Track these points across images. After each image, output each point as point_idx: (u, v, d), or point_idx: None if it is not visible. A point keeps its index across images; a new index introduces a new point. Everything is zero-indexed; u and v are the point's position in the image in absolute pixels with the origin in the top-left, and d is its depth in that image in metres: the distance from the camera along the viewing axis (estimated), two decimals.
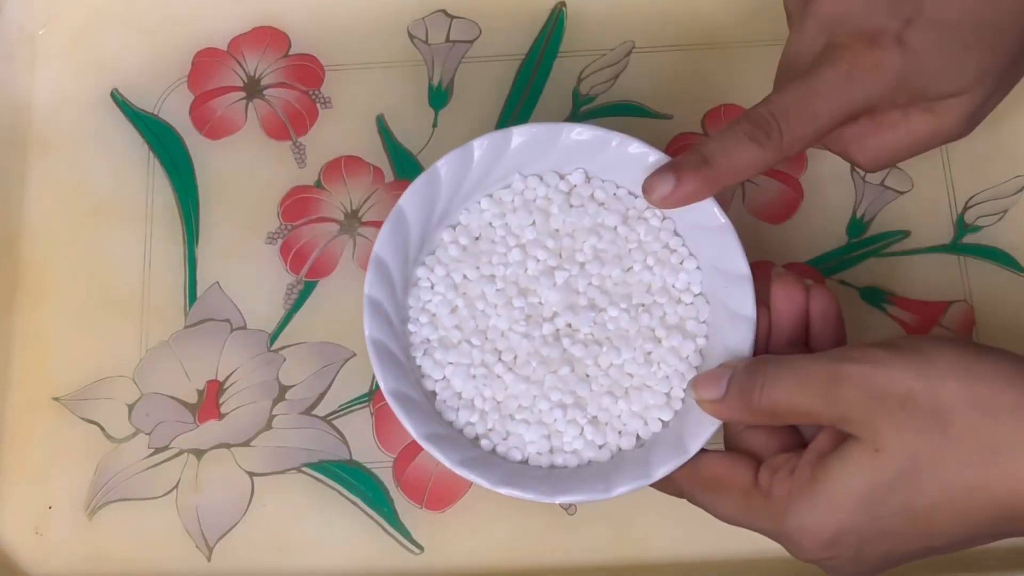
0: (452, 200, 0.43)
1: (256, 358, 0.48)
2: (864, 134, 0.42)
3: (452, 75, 0.52)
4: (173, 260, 0.50)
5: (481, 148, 0.43)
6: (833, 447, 0.36)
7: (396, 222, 0.42)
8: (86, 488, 0.47)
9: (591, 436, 0.41)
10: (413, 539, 0.46)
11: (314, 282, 0.50)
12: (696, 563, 0.45)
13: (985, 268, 0.49)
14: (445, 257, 0.43)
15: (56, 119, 0.53)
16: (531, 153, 0.43)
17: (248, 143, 0.52)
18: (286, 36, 0.53)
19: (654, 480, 0.39)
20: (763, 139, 0.40)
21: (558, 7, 0.53)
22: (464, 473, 0.39)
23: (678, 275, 0.43)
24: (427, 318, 0.43)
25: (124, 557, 0.46)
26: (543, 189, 0.44)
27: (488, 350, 0.42)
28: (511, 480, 0.39)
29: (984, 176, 0.50)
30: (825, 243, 0.49)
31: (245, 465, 0.47)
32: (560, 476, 0.41)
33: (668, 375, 0.42)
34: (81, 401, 0.48)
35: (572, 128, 0.43)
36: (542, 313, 0.42)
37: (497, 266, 0.43)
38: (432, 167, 0.43)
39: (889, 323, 0.48)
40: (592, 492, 0.39)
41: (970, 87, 0.40)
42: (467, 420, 0.41)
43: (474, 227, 0.44)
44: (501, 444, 0.41)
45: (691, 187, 0.40)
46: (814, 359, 0.37)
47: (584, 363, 0.42)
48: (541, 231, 0.43)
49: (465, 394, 0.42)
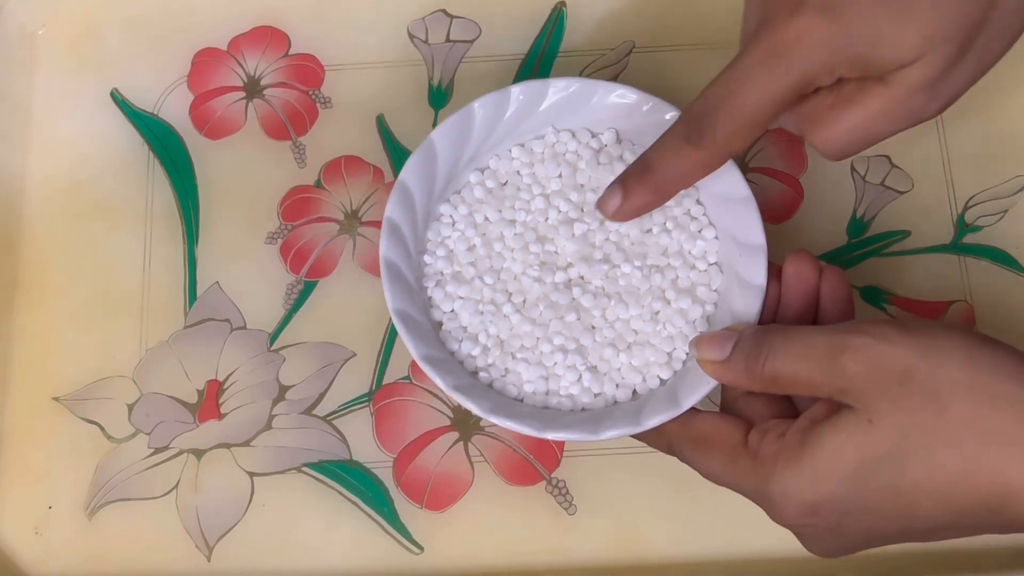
0: (483, 144, 0.44)
1: (256, 358, 0.48)
2: (819, 113, 0.39)
3: (452, 75, 0.52)
4: (173, 260, 0.50)
5: (518, 96, 0.44)
6: (827, 416, 0.36)
7: (425, 153, 0.43)
8: (86, 488, 0.47)
9: (588, 383, 0.42)
10: (413, 539, 0.46)
11: (314, 282, 0.50)
12: (696, 563, 0.45)
13: (985, 268, 0.49)
14: (470, 197, 0.44)
15: (56, 119, 0.53)
16: (565, 108, 0.44)
17: (248, 143, 0.52)
18: (286, 36, 0.53)
19: (644, 429, 0.39)
20: (697, 139, 0.38)
21: (558, 7, 0.53)
22: (457, 397, 0.40)
23: (695, 242, 0.43)
24: (444, 252, 0.44)
25: (124, 557, 0.46)
26: (574, 144, 0.45)
27: (499, 290, 0.43)
28: (502, 410, 0.40)
29: (984, 176, 0.50)
30: (825, 243, 0.49)
31: (245, 465, 0.47)
32: (551, 415, 0.41)
33: (672, 335, 0.42)
34: (81, 401, 0.48)
35: (611, 88, 0.44)
36: (557, 262, 0.43)
37: (519, 211, 0.44)
38: (468, 106, 0.44)
39: None
40: (581, 432, 0.40)
41: (919, 53, 0.36)
42: (469, 352, 0.42)
43: (502, 173, 0.45)
44: (499, 379, 0.42)
45: (638, 199, 0.41)
46: (819, 330, 0.37)
47: (591, 313, 0.42)
48: (566, 183, 0.44)
49: (471, 328, 0.43)
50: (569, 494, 0.46)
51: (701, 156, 0.39)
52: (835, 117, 0.38)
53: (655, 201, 0.41)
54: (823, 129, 0.39)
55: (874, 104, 0.38)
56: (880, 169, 0.50)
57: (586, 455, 0.46)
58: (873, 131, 0.39)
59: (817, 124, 0.39)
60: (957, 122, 0.50)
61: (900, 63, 0.36)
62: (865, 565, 0.44)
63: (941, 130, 0.50)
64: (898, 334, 0.35)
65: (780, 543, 0.44)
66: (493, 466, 0.47)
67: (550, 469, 0.46)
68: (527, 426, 0.40)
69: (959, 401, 0.34)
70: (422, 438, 0.47)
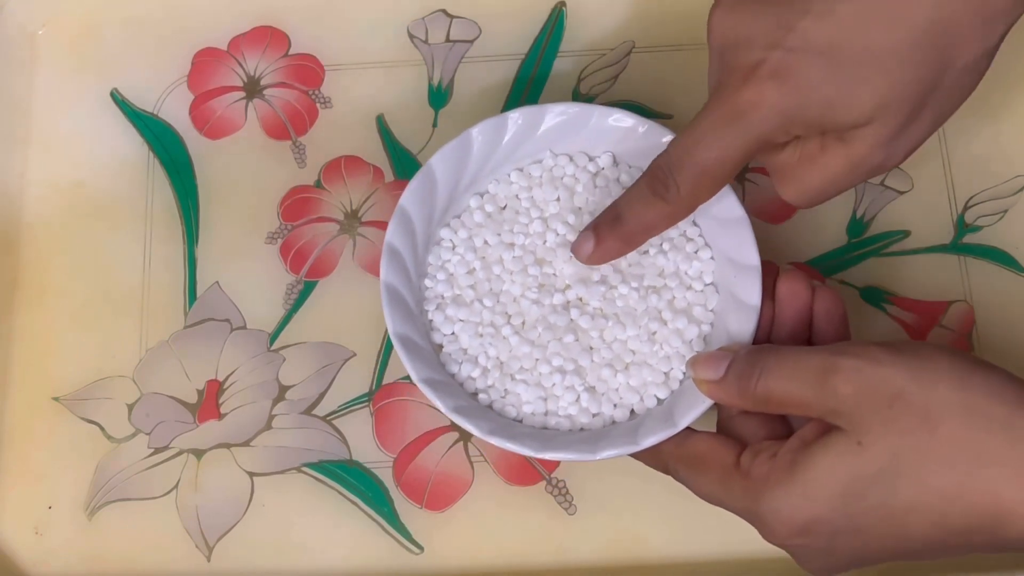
0: (482, 168, 0.45)
1: (256, 358, 0.48)
2: (786, 170, 0.40)
3: (452, 75, 0.52)
4: (173, 260, 0.50)
5: (516, 121, 0.45)
6: (818, 437, 0.36)
7: (424, 179, 0.44)
8: (86, 488, 0.47)
9: (586, 404, 0.42)
10: (413, 539, 0.46)
11: (314, 282, 0.50)
12: (696, 563, 0.45)
13: (985, 268, 0.48)
14: (470, 221, 0.45)
15: (56, 119, 0.53)
16: (563, 132, 0.45)
17: (248, 143, 0.52)
18: (286, 36, 0.53)
19: (641, 448, 0.40)
20: (663, 193, 0.40)
21: (558, 7, 0.53)
22: (457, 419, 0.41)
23: (691, 263, 0.44)
24: (444, 276, 0.44)
25: (124, 557, 0.46)
26: (571, 168, 0.46)
27: (498, 312, 0.44)
28: (502, 432, 0.41)
29: (984, 176, 0.50)
30: (825, 243, 0.49)
31: (245, 465, 0.47)
32: (549, 436, 0.42)
33: (669, 355, 0.43)
34: (81, 401, 0.48)
35: (608, 112, 0.45)
36: (555, 283, 0.44)
37: (518, 235, 0.45)
38: (466, 132, 0.44)
39: (889, 323, 0.48)
40: (579, 452, 0.40)
41: (872, 117, 0.37)
42: (468, 374, 0.43)
43: (501, 197, 0.46)
44: (498, 400, 0.43)
45: (610, 246, 0.42)
46: (812, 351, 0.37)
47: (589, 334, 0.43)
48: (564, 207, 0.45)
49: (471, 350, 0.43)
50: (569, 494, 0.46)
51: (667, 208, 0.40)
52: (800, 175, 0.40)
53: (624, 249, 0.42)
54: (790, 185, 0.40)
55: (835, 163, 0.39)
56: None
57: None
58: (838, 185, 0.40)
59: (785, 180, 0.40)
60: (957, 122, 0.50)
61: (855, 125, 0.37)
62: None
63: (941, 130, 0.50)
64: (888, 356, 0.35)
65: None
66: (493, 466, 0.47)
67: (550, 469, 0.46)
68: (526, 447, 0.40)
69: (951, 422, 0.34)
70: (422, 438, 0.47)
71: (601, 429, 0.42)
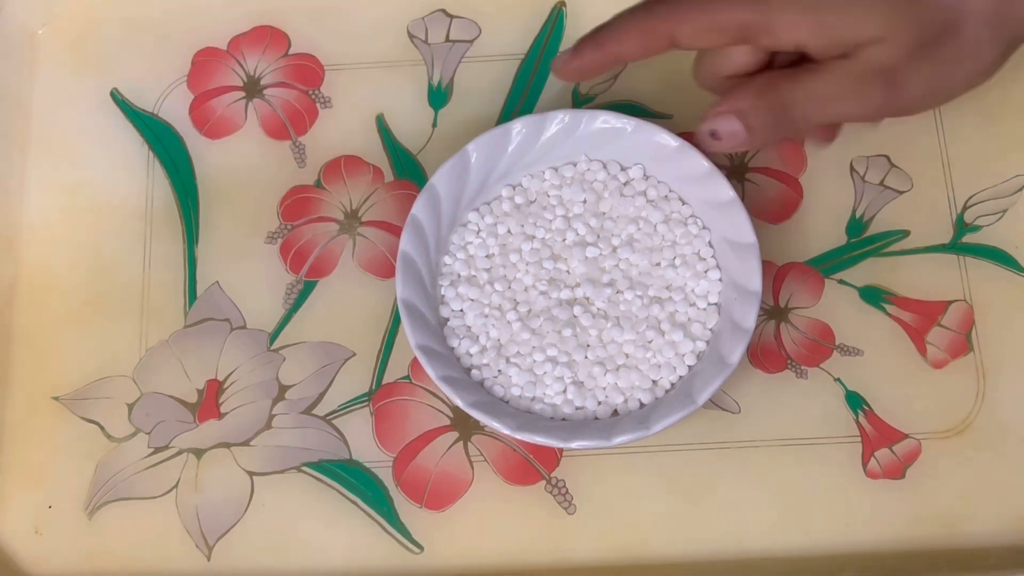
0: (518, 161, 0.47)
1: (256, 358, 0.48)
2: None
3: (452, 75, 0.53)
4: (173, 260, 0.50)
5: (558, 122, 0.46)
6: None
7: (459, 161, 0.46)
8: (86, 488, 0.47)
9: (571, 396, 0.44)
10: (413, 539, 0.46)
11: (314, 282, 0.50)
12: (696, 563, 0.45)
13: (985, 268, 0.48)
14: (498, 209, 0.47)
15: (56, 119, 0.53)
16: (602, 139, 0.47)
17: (248, 143, 0.52)
18: (286, 36, 0.54)
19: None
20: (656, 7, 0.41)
21: (558, 7, 0.53)
22: (444, 388, 0.43)
23: (700, 281, 0.46)
24: (464, 256, 0.47)
25: (124, 557, 0.46)
26: (603, 174, 0.48)
27: (507, 297, 0.46)
28: (484, 407, 0.43)
29: (984, 176, 0.50)
30: (825, 243, 0.49)
31: (245, 465, 0.47)
32: (530, 419, 0.44)
33: (660, 364, 0.45)
34: (81, 401, 0.48)
35: (653, 130, 0.46)
36: (565, 280, 0.46)
37: (539, 228, 0.47)
38: (508, 123, 0.46)
39: (889, 323, 0.48)
40: (553, 439, 0.42)
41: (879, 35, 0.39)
42: (467, 349, 0.45)
43: (532, 191, 0.48)
44: (489, 379, 0.45)
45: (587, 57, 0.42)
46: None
47: (588, 332, 0.45)
48: (589, 209, 0.47)
49: (474, 328, 0.46)
50: (569, 494, 0.46)
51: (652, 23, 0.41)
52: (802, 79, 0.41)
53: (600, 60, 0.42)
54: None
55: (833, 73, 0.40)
56: (879, 169, 0.50)
57: (586, 455, 0.46)
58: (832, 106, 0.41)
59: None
60: (957, 122, 0.50)
61: (858, 40, 0.39)
62: (867, 565, 0.44)
63: (941, 130, 0.50)
64: None
65: (780, 543, 0.45)
66: (493, 466, 0.47)
67: (550, 469, 0.46)
68: (504, 425, 0.42)
69: None
70: (422, 438, 0.47)
71: (580, 422, 0.44)
